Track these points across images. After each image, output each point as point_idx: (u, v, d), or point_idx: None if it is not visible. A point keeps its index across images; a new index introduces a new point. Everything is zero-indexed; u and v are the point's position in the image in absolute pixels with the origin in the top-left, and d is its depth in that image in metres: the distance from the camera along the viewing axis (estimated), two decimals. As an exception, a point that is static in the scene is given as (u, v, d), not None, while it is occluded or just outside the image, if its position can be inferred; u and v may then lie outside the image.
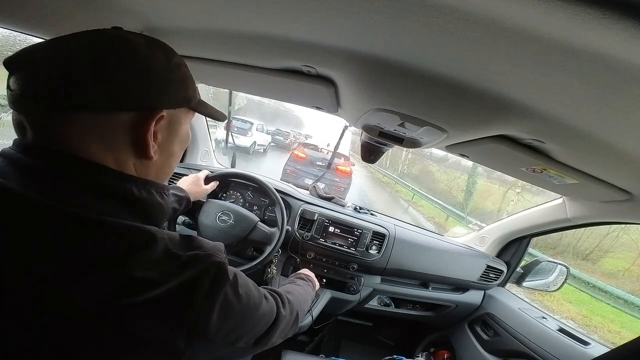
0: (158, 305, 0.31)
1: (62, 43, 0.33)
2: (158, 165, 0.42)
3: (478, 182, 11.98)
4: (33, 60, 0.32)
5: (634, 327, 5.04)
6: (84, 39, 0.34)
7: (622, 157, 0.54)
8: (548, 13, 0.26)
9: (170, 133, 0.42)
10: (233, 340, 0.41)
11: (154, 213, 0.40)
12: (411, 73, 0.47)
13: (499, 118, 0.54)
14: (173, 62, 0.40)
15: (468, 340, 1.45)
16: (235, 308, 0.39)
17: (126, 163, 0.38)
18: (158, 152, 0.41)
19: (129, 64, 0.35)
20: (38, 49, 0.33)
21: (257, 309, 0.44)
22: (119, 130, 0.36)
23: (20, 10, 0.61)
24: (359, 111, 0.72)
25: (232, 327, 0.39)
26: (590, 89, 0.36)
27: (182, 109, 0.43)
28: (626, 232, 8.32)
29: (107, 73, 0.33)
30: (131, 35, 0.37)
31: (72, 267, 0.29)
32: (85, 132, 0.34)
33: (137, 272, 0.31)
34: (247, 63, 0.72)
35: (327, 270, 1.30)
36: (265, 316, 0.47)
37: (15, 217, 0.30)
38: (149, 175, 0.41)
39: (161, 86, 0.38)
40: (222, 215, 1.06)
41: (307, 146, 6.93)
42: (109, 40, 0.35)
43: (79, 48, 0.33)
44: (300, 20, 0.44)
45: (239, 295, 0.40)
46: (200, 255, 0.36)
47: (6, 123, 2.41)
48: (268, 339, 0.49)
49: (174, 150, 0.45)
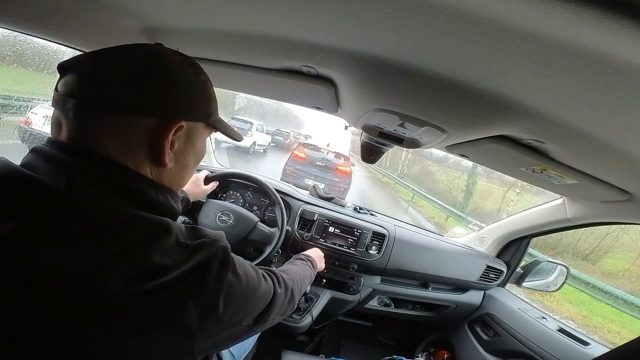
0: (176, 287, 0.34)
1: (110, 54, 0.38)
2: (172, 174, 0.44)
3: (478, 183, 11.98)
4: (81, 66, 0.37)
5: (633, 327, 5.04)
6: (128, 50, 0.38)
7: (622, 157, 0.54)
8: (548, 13, 0.26)
9: (187, 144, 0.44)
10: (238, 320, 0.42)
11: (167, 215, 0.41)
12: (411, 73, 0.47)
13: (499, 118, 0.54)
14: (200, 79, 0.43)
15: (468, 340, 1.45)
16: (238, 288, 0.41)
17: (144, 167, 0.40)
18: (173, 160, 0.42)
19: (158, 73, 0.38)
20: (88, 57, 0.38)
21: (257, 289, 0.46)
22: (140, 134, 0.38)
23: (21, 10, 0.61)
24: (359, 111, 0.72)
25: (237, 305, 0.41)
26: (590, 89, 0.36)
27: (202, 123, 0.45)
28: (626, 232, 8.31)
29: (136, 79, 0.37)
30: (167, 50, 0.41)
31: (97, 255, 0.31)
32: (111, 132, 0.37)
33: (156, 258, 0.33)
34: (247, 63, 0.72)
35: (327, 271, 1.30)
36: (264, 295, 0.49)
37: (44, 207, 0.32)
38: (164, 183, 0.43)
39: (184, 99, 0.40)
40: (222, 216, 1.06)
41: (307, 146, 6.92)
42: (147, 52, 0.39)
43: (119, 57, 0.37)
44: (300, 20, 0.44)
45: (239, 276, 0.42)
46: (207, 242, 0.39)
47: (6, 123, 2.41)
48: (267, 316, 0.51)
49: (189, 162, 0.47)
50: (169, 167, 0.42)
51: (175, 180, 0.46)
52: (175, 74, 0.39)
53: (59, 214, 0.32)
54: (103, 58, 0.37)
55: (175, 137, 0.41)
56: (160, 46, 0.42)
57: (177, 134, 0.41)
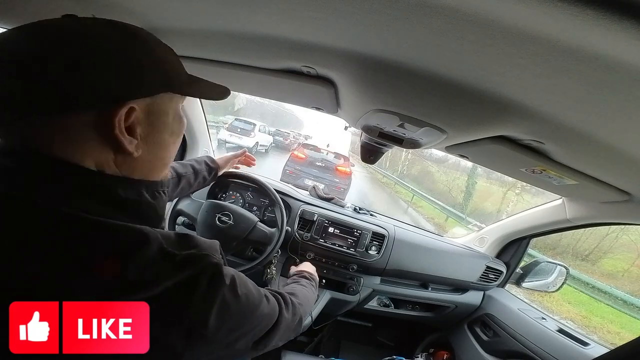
0: (155, 305, 0.31)
1: (13, 36, 0.31)
2: (147, 159, 0.38)
3: (477, 183, 11.98)
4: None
5: (633, 327, 5.04)
6: (32, 33, 0.31)
7: (622, 157, 0.54)
8: (547, 14, 0.26)
9: (154, 123, 0.37)
10: (232, 341, 0.40)
11: (146, 214, 0.38)
12: (411, 74, 0.47)
13: (499, 119, 0.54)
14: (137, 45, 0.34)
15: (467, 340, 1.45)
16: (234, 308, 0.38)
17: (107, 162, 0.34)
18: (142, 146, 0.36)
19: (74, 56, 0.30)
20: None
21: (256, 310, 0.44)
22: (85, 130, 0.32)
23: (21, 10, 0.61)
24: (359, 112, 0.72)
25: (231, 327, 0.39)
26: (590, 89, 0.36)
27: (166, 94, 0.37)
28: (625, 232, 8.31)
29: (52, 71, 0.29)
30: (76, 24, 0.33)
31: (64, 268, 0.28)
32: (52, 133, 0.31)
33: (131, 273, 0.30)
34: (248, 64, 0.72)
35: (327, 271, 1.30)
36: (265, 317, 0.46)
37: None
38: (137, 171, 0.37)
39: (121, 78, 0.32)
40: (221, 216, 1.06)
41: (306, 147, 6.93)
42: (46, 35, 0.31)
43: (25, 43, 0.30)
44: (300, 20, 0.44)
45: (238, 295, 0.39)
46: (196, 255, 0.35)
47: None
48: (268, 340, 0.48)
49: (164, 140, 0.40)
50: (137, 154, 0.36)
51: (152, 165, 0.39)
52: (98, 51, 0.31)
53: (17, 224, 0.29)
54: (10, 45, 0.30)
55: (132, 122, 0.34)
56: (68, 20, 0.33)
57: (131, 118, 0.33)
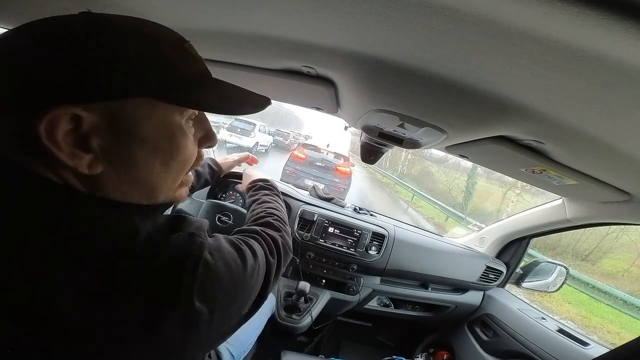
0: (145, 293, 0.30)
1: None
2: (114, 180, 0.31)
3: (477, 183, 11.99)
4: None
5: (633, 327, 5.05)
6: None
7: (622, 158, 0.54)
8: (547, 14, 0.26)
9: (122, 135, 0.30)
10: (232, 314, 0.40)
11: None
12: (411, 74, 0.47)
13: (499, 119, 0.54)
14: (93, 38, 0.28)
15: (467, 341, 1.45)
16: (225, 280, 0.37)
17: (67, 176, 0.29)
18: (104, 162, 0.29)
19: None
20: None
21: (244, 275, 0.42)
22: (24, 138, 0.27)
23: (21, 11, 0.61)
24: (359, 112, 0.72)
25: (225, 302, 0.38)
26: (590, 90, 0.36)
27: (140, 99, 0.30)
28: (625, 232, 8.33)
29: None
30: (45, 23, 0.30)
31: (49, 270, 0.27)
32: (5, 138, 0.27)
33: (121, 265, 0.29)
34: (247, 64, 0.72)
35: (327, 271, 1.30)
36: (257, 275, 0.45)
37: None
38: (109, 193, 0.31)
39: (49, 76, 0.26)
40: (221, 216, 1.06)
41: (306, 147, 6.92)
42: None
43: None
44: (300, 20, 0.44)
45: (219, 267, 0.37)
46: (181, 237, 0.34)
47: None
48: (266, 292, 0.48)
49: (137, 158, 0.31)
50: (99, 171, 0.29)
51: (127, 187, 0.32)
52: (16, 51, 0.27)
53: None
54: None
55: (85, 131, 0.28)
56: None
57: (83, 127, 0.27)
